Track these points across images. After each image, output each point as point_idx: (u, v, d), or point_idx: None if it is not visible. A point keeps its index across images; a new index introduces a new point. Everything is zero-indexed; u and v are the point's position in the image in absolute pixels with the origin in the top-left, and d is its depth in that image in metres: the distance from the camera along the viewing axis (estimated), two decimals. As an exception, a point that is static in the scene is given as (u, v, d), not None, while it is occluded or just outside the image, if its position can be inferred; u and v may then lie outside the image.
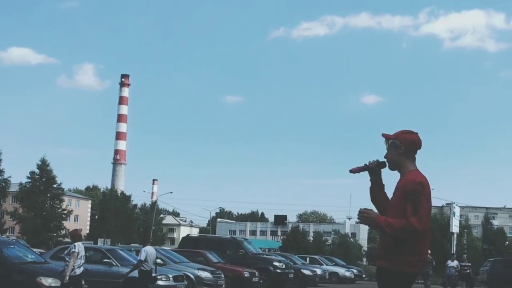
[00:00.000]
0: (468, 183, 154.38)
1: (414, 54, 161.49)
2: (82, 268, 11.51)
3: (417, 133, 4.38)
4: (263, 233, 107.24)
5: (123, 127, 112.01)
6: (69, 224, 75.37)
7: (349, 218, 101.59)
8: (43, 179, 53.43)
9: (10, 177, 49.57)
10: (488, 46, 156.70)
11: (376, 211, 4.46)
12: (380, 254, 4.28)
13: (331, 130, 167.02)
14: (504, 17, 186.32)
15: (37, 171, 53.44)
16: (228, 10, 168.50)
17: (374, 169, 4.46)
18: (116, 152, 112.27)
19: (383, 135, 4.42)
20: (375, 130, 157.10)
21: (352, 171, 4.51)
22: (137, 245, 36.68)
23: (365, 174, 4.52)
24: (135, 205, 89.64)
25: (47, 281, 12.13)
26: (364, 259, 73.64)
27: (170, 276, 16.08)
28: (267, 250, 52.07)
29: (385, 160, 4.41)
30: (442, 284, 26.67)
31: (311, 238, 68.02)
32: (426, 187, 4.17)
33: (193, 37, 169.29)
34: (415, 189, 4.10)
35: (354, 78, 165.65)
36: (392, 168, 4.38)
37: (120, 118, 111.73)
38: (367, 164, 4.46)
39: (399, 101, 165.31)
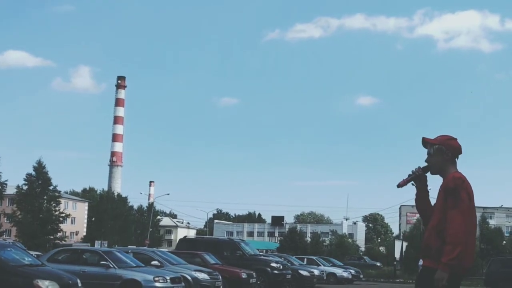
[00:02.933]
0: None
1: (409, 55, 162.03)
2: None
3: (456, 139, 4.47)
4: (260, 234, 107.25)
5: (119, 129, 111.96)
6: (66, 227, 75.41)
7: (346, 219, 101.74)
8: (40, 182, 53.25)
9: (6, 180, 49.41)
10: (482, 47, 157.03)
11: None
12: (428, 253, 4.26)
13: (327, 131, 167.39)
14: (499, 18, 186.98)
15: (33, 173, 53.27)
16: (223, 13, 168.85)
17: (420, 175, 4.50)
18: (113, 154, 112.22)
19: (424, 139, 4.46)
20: (371, 131, 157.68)
21: (400, 185, 4.53)
22: (134, 247, 36.84)
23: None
24: (132, 207, 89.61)
25: (44, 283, 12.08)
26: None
27: (168, 278, 16.04)
28: (264, 251, 51.98)
29: (426, 164, 4.47)
30: None
31: (309, 239, 68.03)
32: (466, 182, 4.22)
33: (188, 39, 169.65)
34: (455, 184, 4.17)
35: (349, 79, 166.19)
36: (434, 172, 4.45)
37: (117, 120, 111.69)
38: (412, 173, 4.50)
39: (394, 103, 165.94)
